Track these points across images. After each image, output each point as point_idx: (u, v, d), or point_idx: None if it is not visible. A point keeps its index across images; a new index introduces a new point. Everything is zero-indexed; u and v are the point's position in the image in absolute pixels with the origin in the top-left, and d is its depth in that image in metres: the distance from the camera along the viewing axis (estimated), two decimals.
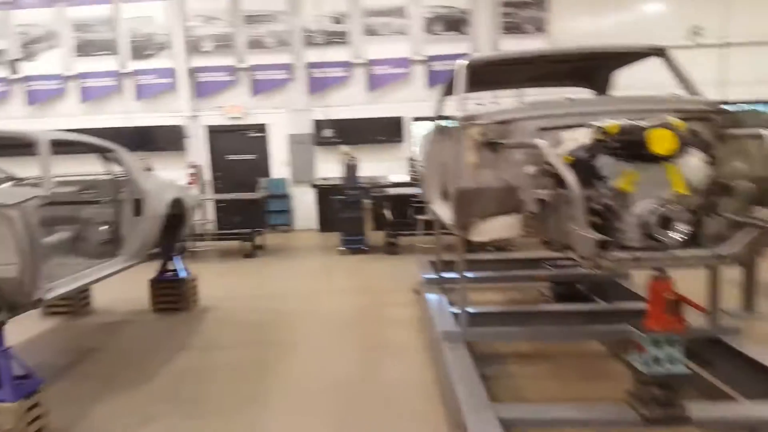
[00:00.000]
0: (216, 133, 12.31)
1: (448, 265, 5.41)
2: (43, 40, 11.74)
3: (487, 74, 4.30)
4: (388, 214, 9.17)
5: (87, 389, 4.08)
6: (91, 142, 4.64)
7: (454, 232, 3.45)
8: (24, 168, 5.62)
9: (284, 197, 12.30)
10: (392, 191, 9.54)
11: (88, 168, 5.66)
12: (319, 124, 12.11)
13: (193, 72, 11.90)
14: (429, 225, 8.68)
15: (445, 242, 5.84)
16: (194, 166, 11.72)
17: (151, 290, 6.07)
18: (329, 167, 11.93)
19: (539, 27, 11.73)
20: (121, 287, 6.84)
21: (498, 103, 7.16)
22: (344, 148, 10.17)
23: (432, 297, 4.87)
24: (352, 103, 12.08)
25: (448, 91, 4.50)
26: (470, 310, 3.96)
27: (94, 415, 3.66)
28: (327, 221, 11.68)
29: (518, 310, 4.94)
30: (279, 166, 12.54)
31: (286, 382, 4.12)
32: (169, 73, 11.79)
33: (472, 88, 3.90)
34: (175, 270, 6.09)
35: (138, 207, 4.75)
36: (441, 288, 5.07)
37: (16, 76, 11.90)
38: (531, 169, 2.77)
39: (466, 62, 3.95)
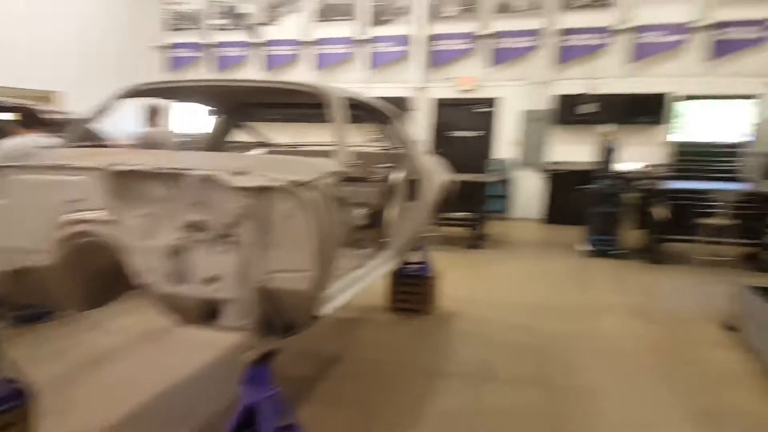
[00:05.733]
0: (442, 106, 11.36)
1: None
2: (286, 4, 11.77)
3: None
4: (659, 212, 7.29)
5: (344, 423, 3.17)
6: (376, 106, 3.70)
7: None
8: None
9: (503, 181, 10.95)
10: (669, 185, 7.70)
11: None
12: (566, 100, 10.48)
13: (430, 39, 11.01)
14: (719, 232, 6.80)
15: None
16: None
17: (393, 285, 5.14)
18: (565, 150, 10.45)
19: None
20: None
21: None
22: (604, 127, 8.40)
23: None
24: (607, 75, 10.24)
25: None
26: None
27: None
28: (557, 212, 10.44)
29: None
30: (505, 146, 11.25)
31: None
32: (405, 40, 11.05)
33: None
34: (421, 263, 5.12)
35: (413, 190, 3.78)
36: None
37: (256, 41, 12.11)
38: None
39: None
